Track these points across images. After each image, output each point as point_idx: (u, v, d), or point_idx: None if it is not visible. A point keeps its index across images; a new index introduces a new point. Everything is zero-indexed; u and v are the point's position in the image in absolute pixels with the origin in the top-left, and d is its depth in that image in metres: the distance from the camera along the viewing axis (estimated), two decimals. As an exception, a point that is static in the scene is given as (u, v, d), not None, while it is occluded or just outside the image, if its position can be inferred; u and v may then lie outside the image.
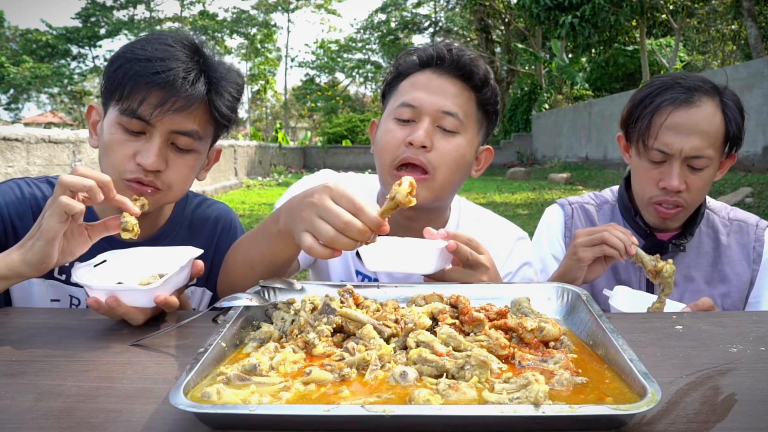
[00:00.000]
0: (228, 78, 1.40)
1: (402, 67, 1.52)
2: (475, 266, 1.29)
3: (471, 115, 1.49)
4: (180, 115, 1.32)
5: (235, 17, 47.05)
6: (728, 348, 1.02)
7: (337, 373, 0.83)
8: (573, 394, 0.79)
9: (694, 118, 1.58)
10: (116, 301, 1.09)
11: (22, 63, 38.17)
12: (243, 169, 17.79)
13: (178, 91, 1.30)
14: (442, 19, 41.21)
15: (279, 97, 52.93)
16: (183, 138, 1.36)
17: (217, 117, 1.39)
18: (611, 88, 22.91)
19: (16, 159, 6.75)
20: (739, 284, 1.74)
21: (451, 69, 1.47)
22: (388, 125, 1.49)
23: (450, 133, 1.46)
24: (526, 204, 11.40)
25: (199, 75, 1.34)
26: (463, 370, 0.83)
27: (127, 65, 1.31)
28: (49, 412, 0.78)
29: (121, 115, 1.32)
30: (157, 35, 1.37)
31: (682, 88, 1.61)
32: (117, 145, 1.34)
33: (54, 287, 1.47)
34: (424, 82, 1.47)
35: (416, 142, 1.42)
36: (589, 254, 1.49)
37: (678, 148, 1.58)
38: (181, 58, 1.32)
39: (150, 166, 1.32)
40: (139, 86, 1.29)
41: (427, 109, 1.44)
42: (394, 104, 1.50)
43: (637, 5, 15.33)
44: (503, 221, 1.72)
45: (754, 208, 8.33)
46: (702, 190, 1.64)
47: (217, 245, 1.63)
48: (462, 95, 1.47)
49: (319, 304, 1.09)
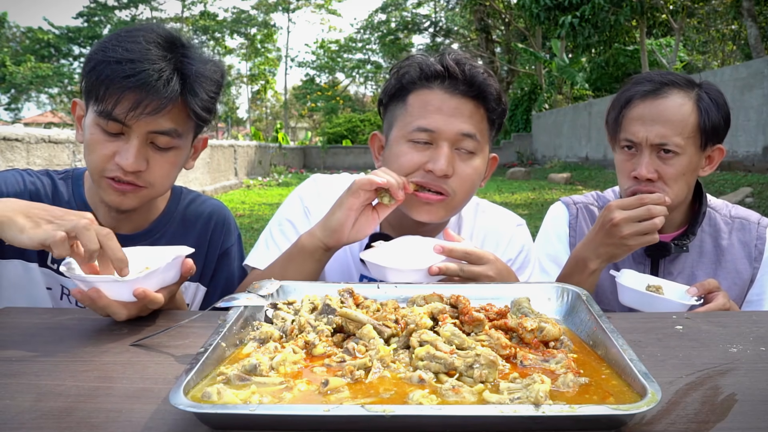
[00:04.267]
0: (204, 74, 1.37)
1: (406, 79, 1.46)
2: (473, 278, 1.29)
3: (484, 131, 1.47)
4: (156, 116, 1.32)
5: (235, 17, 47.07)
6: (728, 348, 1.02)
7: (350, 377, 0.83)
8: (576, 395, 0.79)
9: (658, 108, 1.61)
10: (97, 293, 1.09)
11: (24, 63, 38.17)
12: (243, 169, 17.79)
13: (151, 93, 1.28)
14: (442, 19, 41.22)
15: (279, 97, 52.95)
16: (162, 137, 1.36)
17: (196, 113, 1.38)
18: (611, 88, 22.88)
19: (16, 159, 6.75)
20: (740, 282, 1.74)
21: (464, 88, 1.41)
22: (402, 148, 1.44)
23: (469, 155, 1.44)
24: (526, 204, 11.40)
25: (172, 75, 1.32)
26: (472, 368, 0.83)
27: (99, 67, 1.31)
28: (49, 412, 0.78)
29: (98, 117, 1.32)
30: (130, 31, 1.35)
31: (652, 83, 1.65)
32: (97, 145, 1.34)
33: (47, 276, 1.47)
34: (437, 104, 1.41)
35: (438, 172, 1.39)
36: (641, 244, 1.49)
37: (643, 136, 1.61)
38: (153, 58, 1.30)
39: (129, 167, 1.32)
40: (112, 89, 1.29)
41: (445, 134, 1.40)
42: (407, 126, 1.44)
43: (637, 5, 15.33)
44: (502, 210, 1.75)
45: (754, 208, 8.32)
46: (677, 179, 1.62)
47: (211, 241, 1.63)
48: (476, 114, 1.43)
49: (319, 304, 1.09)
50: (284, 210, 1.65)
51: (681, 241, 1.72)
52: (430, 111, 1.41)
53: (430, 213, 1.44)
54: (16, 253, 1.44)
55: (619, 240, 1.48)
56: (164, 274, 1.17)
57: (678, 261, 1.75)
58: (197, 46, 1.41)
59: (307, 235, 1.39)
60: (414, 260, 1.33)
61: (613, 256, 1.53)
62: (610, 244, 1.50)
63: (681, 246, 1.71)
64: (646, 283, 1.57)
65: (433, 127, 1.40)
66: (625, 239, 1.47)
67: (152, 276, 1.14)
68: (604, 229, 1.50)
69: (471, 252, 1.30)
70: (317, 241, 1.36)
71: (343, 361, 0.89)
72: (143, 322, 1.17)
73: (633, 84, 1.69)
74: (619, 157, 1.71)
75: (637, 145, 1.64)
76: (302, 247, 1.38)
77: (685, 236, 1.73)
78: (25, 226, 1.09)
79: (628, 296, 1.54)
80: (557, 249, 1.85)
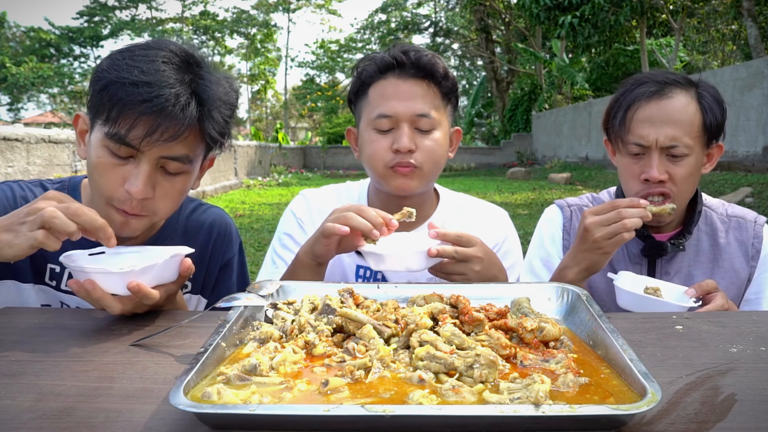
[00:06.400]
0: (221, 98, 1.33)
1: (364, 75, 1.63)
2: (466, 259, 1.39)
3: (440, 107, 1.63)
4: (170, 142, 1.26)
5: (236, 17, 47.09)
6: (728, 348, 1.02)
7: (350, 377, 0.83)
8: (576, 395, 0.80)
9: (666, 109, 1.61)
10: (92, 284, 1.10)
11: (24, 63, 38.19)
12: (243, 169, 17.79)
13: (167, 118, 1.22)
14: (442, 19, 41.22)
15: (279, 97, 52.97)
16: (173, 163, 1.30)
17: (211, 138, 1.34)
18: (611, 88, 22.86)
19: (16, 159, 6.75)
20: (738, 281, 1.74)
21: (413, 71, 1.58)
22: (370, 135, 1.62)
23: (429, 131, 1.61)
24: (526, 204, 11.40)
25: (189, 99, 1.26)
26: (472, 369, 0.83)
27: (112, 88, 1.23)
28: (49, 412, 0.78)
29: (108, 139, 1.25)
30: (145, 48, 1.28)
31: (654, 83, 1.65)
32: (105, 170, 1.28)
33: (45, 293, 1.46)
34: (392, 90, 1.59)
35: (402, 149, 1.57)
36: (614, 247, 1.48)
37: (653, 138, 1.60)
38: (170, 82, 1.24)
39: (137, 194, 1.27)
40: (126, 112, 1.22)
41: (403, 116, 1.58)
42: (370, 115, 1.62)
43: (637, 5, 15.33)
44: (484, 203, 1.88)
45: (754, 208, 8.32)
46: (687, 179, 1.63)
47: (213, 251, 1.62)
48: (428, 93, 1.60)
49: (319, 304, 1.10)
50: (282, 226, 1.81)
51: (677, 240, 1.72)
52: (388, 98, 1.59)
53: (405, 183, 1.61)
54: (9, 273, 1.43)
55: (592, 244, 1.47)
56: (161, 270, 1.17)
57: (675, 260, 1.75)
58: (210, 64, 1.36)
59: (302, 253, 1.49)
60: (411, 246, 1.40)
61: (592, 264, 1.50)
62: (586, 249, 1.50)
63: (677, 245, 1.71)
64: (644, 285, 1.56)
65: (392, 112, 1.58)
66: (597, 242, 1.46)
67: (148, 271, 1.14)
68: (579, 236, 1.51)
69: (462, 234, 1.41)
70: (310, 260, 1.47)
71: (343, 361, 0.89)
72: (143, 322, 1.17)
73: (634, 85, 1.68)
74: (624, 160, 1.69)
75: (645, 148, 1.63)
76: (302, 263, 1.48)
77: (681, 235, 1.73)
78: (9, 241, 1.10)
79: (625, 299, 1.52)
80: (550, 252, 1.85)
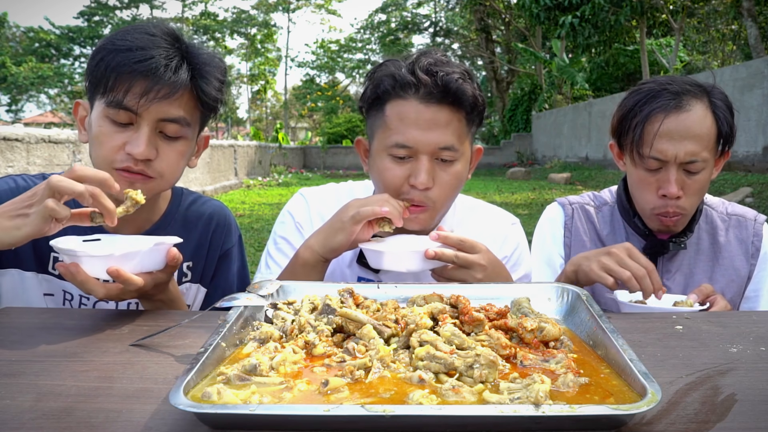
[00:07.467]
0: (211, 63, 1.41)
1: (381, 89, 1.46)
2: (468, 266, 1.32)
3: (464, 135, 1.47)
4: (166, 103, 1.33)
5: (236, 17, 47.13)
6: (728, 348, 1.02)
7: (350, 377, 0.83)
8: (576, 395, 0.79)
9: (686, 123, 1.58)
10: (76, 267, 1.11)
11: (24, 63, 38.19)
12: (243, 169, 17.79)
13: (161, 78, 1.30)
14: (442, 19, 41.24)
15: (279, 97, 52.98)
16: (171, 125, 1.37)
17: (205, 100, 1.40)
18: (611, 88, 22.90)
19: (16, 159, 6.75)
20: (738, 279, 1.75)
21: (439, 95, 1.40)
22: (384, 163, 1.47)
23: (449, 162, 1.46)
24: (526, 204, 11.40)
25: (181, 61, 1.34)
26: (472, 369, 0.83)
27: (108, 57, 1.31)
28: (49, 412, 0.78)
29: (108, 108, 1.32)
30: (136, 25, 1.38)
31: (671, 94, 1.61)
32: (105, 137, 1.34)
33: (48, 281, 1.47)
34: (413, 116, 1.41)
35: (420, 186, 1.43)
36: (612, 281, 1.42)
37: (673, 154, 1.58)
38: (162, 45, 1.33)
39: (140, 155, 1.32)
40: (122, 77, 1.30)
41: (424, 148, 1.42)
42: (386, 140, 1.45)
43: (637, 5, 15.33)
44: (496, 209, 1.77)
45: (754, 207, 8.26)
46: (700, 192, 1.64)
47: (212, 241, 1.64)
48: (453, 122, 1.43)
49: (319, 304, 1.09)
50: (278, 228, 1.71)
51: (678, 238, 1.72)
52: (407, 125, 1.42)
53: (416, 222, 1.49)
54: (12, 262, 1.44)
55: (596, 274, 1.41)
56: (144, 258, 1.16)
57: (676, 259, 1.75)
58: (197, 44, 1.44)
59: (305, 249, 1.43)
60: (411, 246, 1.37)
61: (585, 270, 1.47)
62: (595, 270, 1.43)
63: (679, 244, 1.72)
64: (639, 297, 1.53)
65: (411, 142, 1.42)
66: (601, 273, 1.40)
67: (131, 257, 1.14)
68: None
69: (465, 240, 1.33)
70: (317, 255, 1.42)
71: (343, 361, 0.89)
72: (143, 322, 1.17)
73: (649, 96, 1.64)
74: (639, 173, 1.66)
75: (663, 163, 1.61)
76: (304, 261, 1.43)
77: (682, 234, 1.73)
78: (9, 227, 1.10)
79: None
80: (551, 251, 1.84)
